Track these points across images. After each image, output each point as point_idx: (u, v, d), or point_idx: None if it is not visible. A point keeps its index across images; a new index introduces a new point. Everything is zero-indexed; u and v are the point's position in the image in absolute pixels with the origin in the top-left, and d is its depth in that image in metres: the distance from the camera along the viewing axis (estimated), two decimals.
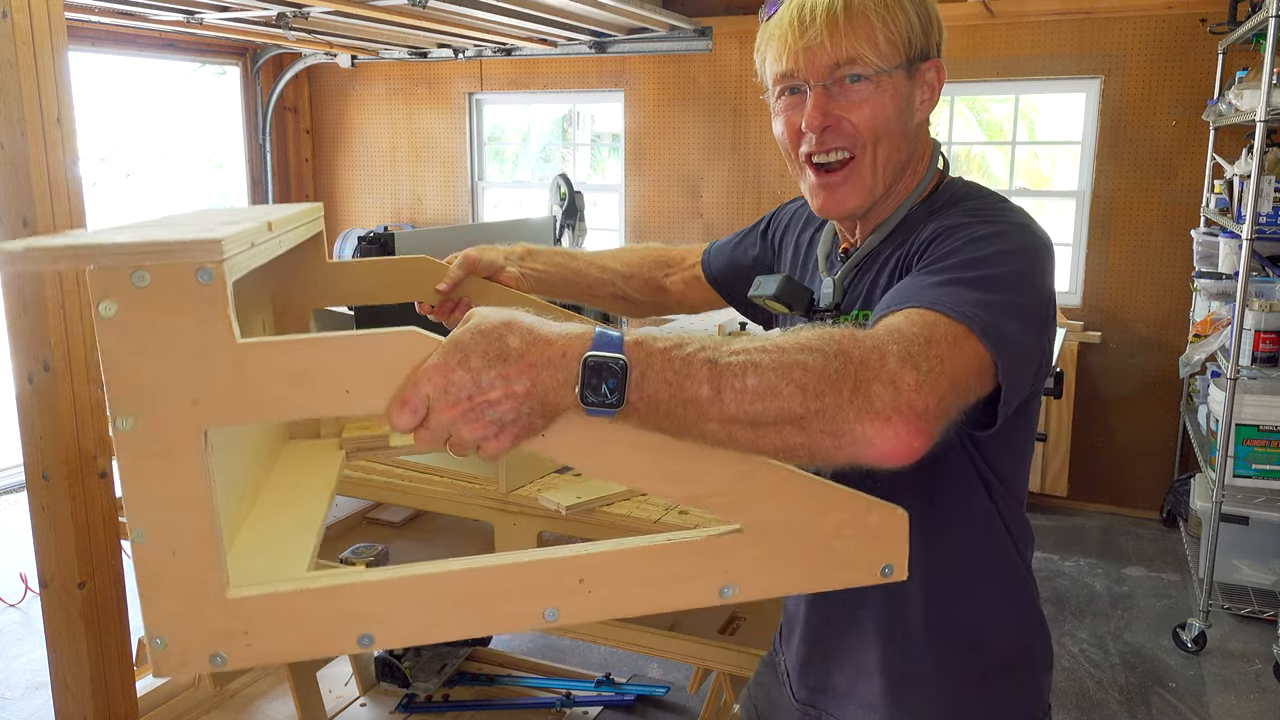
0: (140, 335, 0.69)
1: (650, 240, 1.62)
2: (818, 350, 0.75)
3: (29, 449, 2.02)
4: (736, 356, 0.74)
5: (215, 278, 0.69)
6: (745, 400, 0.73)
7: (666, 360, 0.73)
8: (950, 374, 0.80)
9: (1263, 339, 3.39)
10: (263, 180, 6.07)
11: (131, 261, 0.68)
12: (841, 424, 0.74)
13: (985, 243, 0.97)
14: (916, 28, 1.07)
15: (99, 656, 2.11)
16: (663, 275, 1.46)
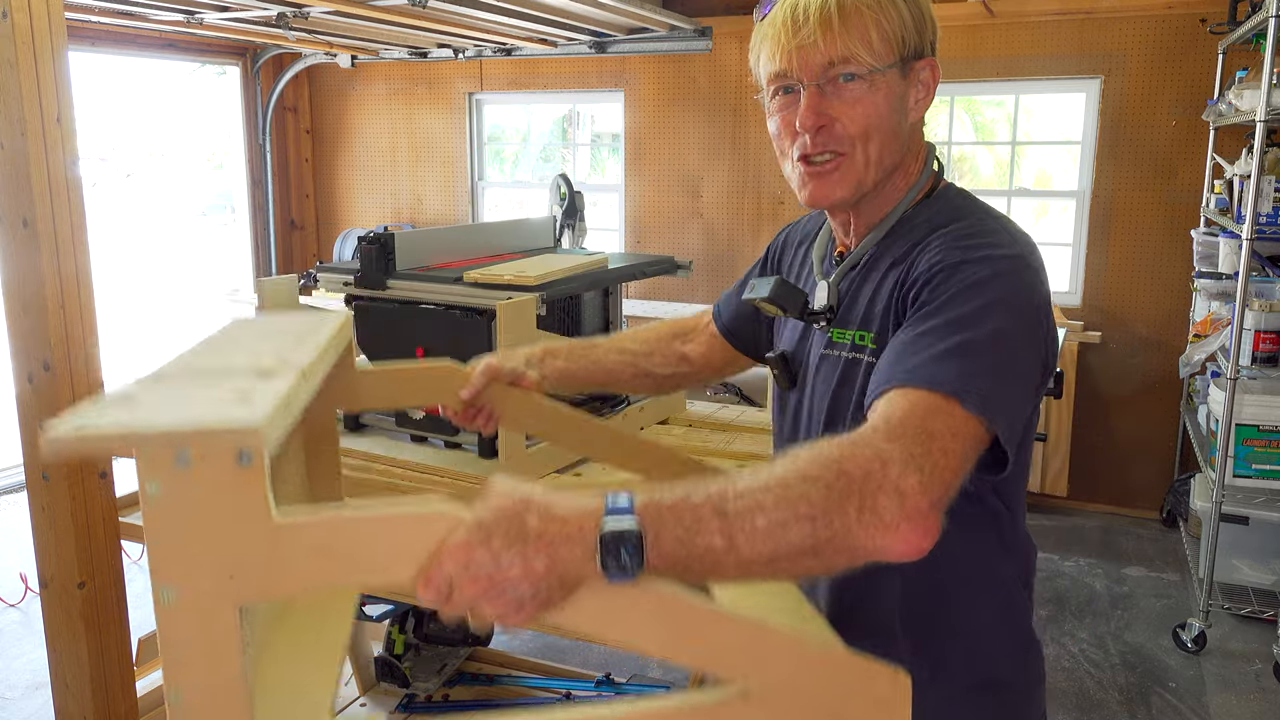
0: (182, 512, 0.73)
1: (650, 241, 1.62)
2: (819, 479, 0.79)
3: (29, 449, 2.02)
4: (742, 500, 0.77)
5: (254, 459, 0.73)
6: (757, 543, 0.77)
7: (677, 518, 0.76)
8: (953, 464, 0.84)
9: (1263, 339, 3.39)
10: (263, 180, 6.07)
11: (177, 444, 0.72)
12: (853, 543, 0.78)
13: (981, 291, 0.96)
14: (910, 26, 1.08)
15: (99, 656, 2.11)
16: (682, 345, 1.45)
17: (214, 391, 0.81)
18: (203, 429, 0.72)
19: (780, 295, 1.18)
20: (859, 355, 1.10)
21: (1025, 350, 0.98)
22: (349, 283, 2.32)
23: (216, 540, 0.74)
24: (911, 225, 1.12)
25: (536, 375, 1.34)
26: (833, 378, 1.13)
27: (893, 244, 1.12)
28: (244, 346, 1.04)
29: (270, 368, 0.90)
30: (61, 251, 1.95)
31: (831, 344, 1.15)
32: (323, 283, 2.39)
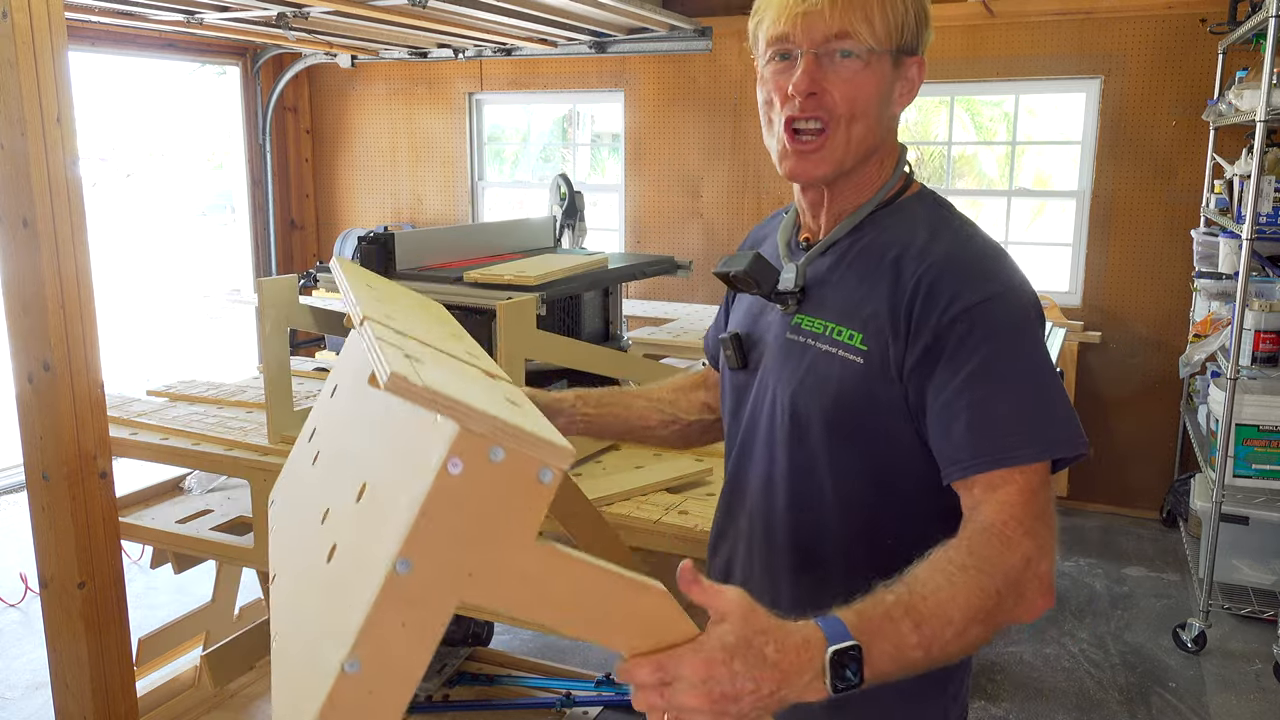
0: (468, 500, 0.74)
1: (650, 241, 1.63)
2: (989, 590, 0.92)
3: (29, 449, 2.02)
4: (933, 614, 0.89)
5: (552, 481, 0.75)
6: (946, 648, 0.89)
7: (883, 634, 0.87)
8: (1054, 514, 0.99)
9: (1263, 339, 3.39)
10: (263, 180, 6.07)
11: (500, 438, 0.73)
12: (1005, 627, 0.95)
13: (1013, 331, 1.03)
14: (911, 19, 1.09)
15: (99, 656, 2.11)
16: (705, 394, 1.46)
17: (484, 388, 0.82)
18: (529, 435, 0.73)
19: (757, 270, 1.18)
20: (838, 351, 1.10)
21: (1051, 362, 1.06)
22: None
23: (481, 538, 0.74)
24: (885, 224, 1.13)
25: (562, 423, 1.34)
26: (807, 367, 1.13)
27: (867, 240, 1.13)
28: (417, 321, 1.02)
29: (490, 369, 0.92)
30: (61, 251, 1.95)
31: (798, 330, 1.15)
32: (323, 283, 2.39)
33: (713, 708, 0.80)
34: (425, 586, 0.74)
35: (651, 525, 1.93)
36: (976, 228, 1.13)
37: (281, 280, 2.31)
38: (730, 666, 0.80)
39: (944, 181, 5.39)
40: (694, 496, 2.03)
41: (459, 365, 0.88)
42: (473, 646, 2.91)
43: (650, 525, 1.93)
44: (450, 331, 1.11)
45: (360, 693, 0.74)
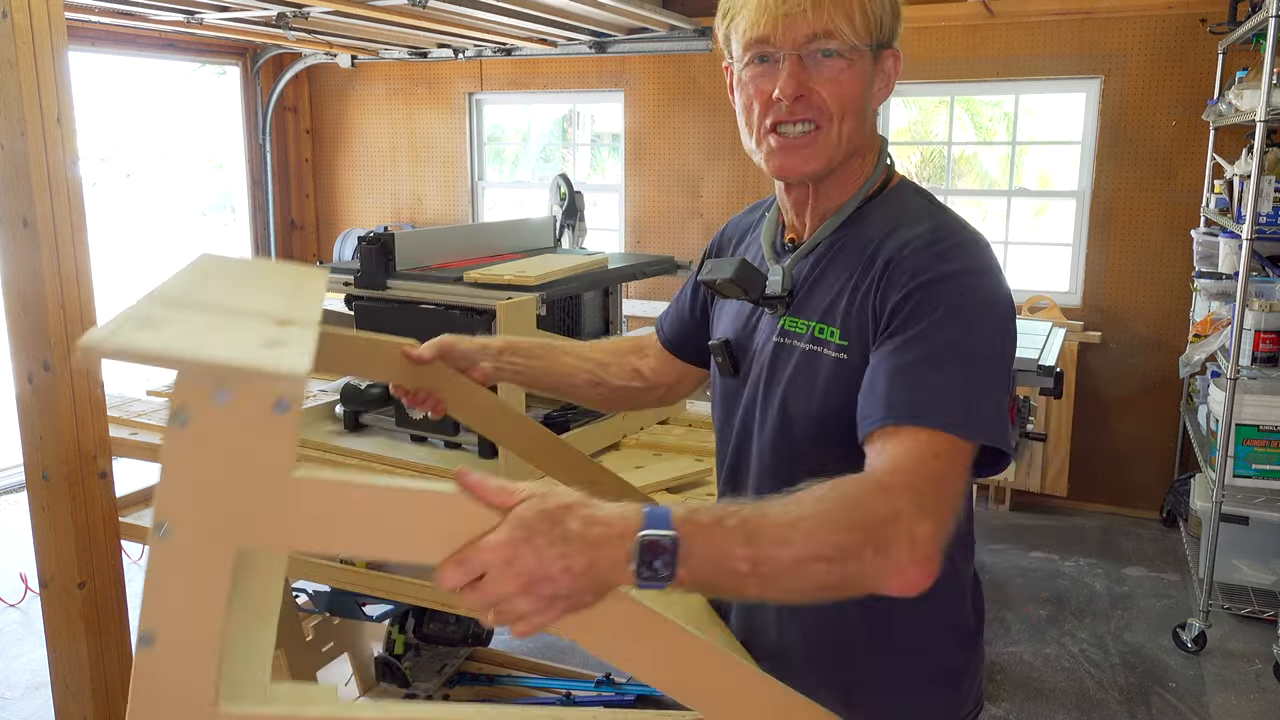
0: (206, 449, 0.71)
1: (650, 241, 1.63)
2: (841, 524, 0.85)
3: (29, 449, 2.02)
4: (771, 533, 0.83)
5: (290, 410, 0.71)
6: (779, 574, 0.83)
7: (710, 538, 0.80)
8: (956, 500, 0.92)
9: (1263, 339, 3.39)
10: (263, 180, 6.07)
11: (221, 379, 0.70)
12: (864, 582, 0.86)
13: (963, 309, 1.00)
14: (887, 12, 1.08)
15: (99, 656, 2.11)
16: (637, 360, 1.44)
17: (242, 333, 0.78)
18: (249, 368, 0.69)
19: (744, 276, 1.16)
20: (821, 349, 1.10)
21: (1003, 355, 1.03)
22: (349, 283, 2.32)
23: (232, 483, 0.72)
24: (868, 219, 1.12)
25: (490, 366, 1.34)
26: (795, 369, 1.12)
27: (849, 237, 1.12)
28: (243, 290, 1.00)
29: (286, 317, 0.87)
30: (61, 251, 1.95)
31: (785, 332, 1.14)
32: None
33: (526, 589, 0.76)
34: (193, 543, 0.72)
35: None
36: (955, 216, 1.11)
37: None
38: (532, 543, 0.75)
39: (944, 181, 5.39)
40: (694, 496, 2.03)
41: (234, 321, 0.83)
42: (473, 646, 2.91)
43: None
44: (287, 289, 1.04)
45: (164, 665, 0.73)
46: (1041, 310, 4.60)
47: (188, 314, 0.81)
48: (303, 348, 0.77)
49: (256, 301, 0.93)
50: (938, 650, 1.17)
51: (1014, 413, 2.50)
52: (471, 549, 0.75)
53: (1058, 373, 2.41)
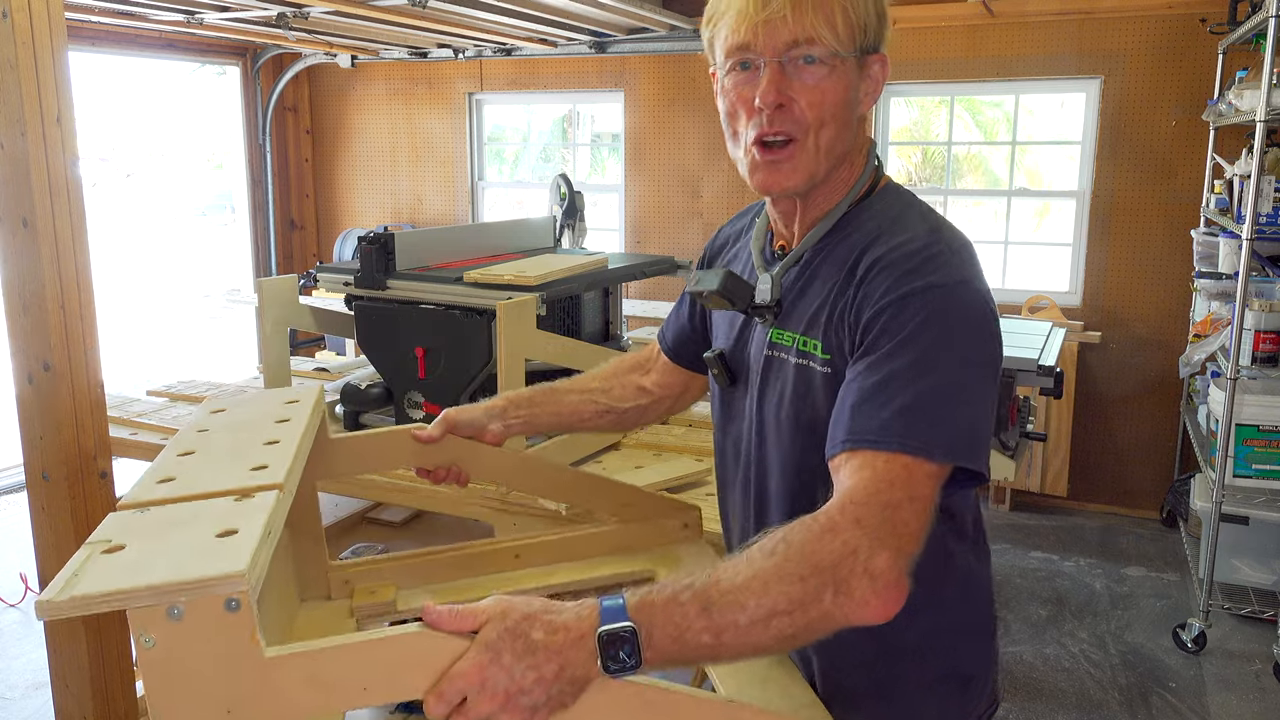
0: (178, 660, 0.79)
1: (650, 241, 1.63)
2: (794, 575, 0.86)
3: (29, 449, 2.02)
4: (726, 599, 0.85)
5: (242, 604, 0.79)
6: (742, 637, 0.85)
7: (667, 617, 0.84)
8: (918, 525, 0.91)
9: (1263, 339, 3.38)
10: (263, 180, 6.07)
11: (167, 599, 0.78)
12: (828, 624, 0.87)
13: (933, 326, 0.97)
14: (873, 17, 1.07)
15: (99, 656, 2.11)
16: (639, 377, 1.45)
17: (201, 529, 0.88)
18: (190, 582, 0.77)
19: (730, 288, 1.15)
20: (809, 364, 1.09)
21: (980, 368, 1.00)
22: (349, 283, 2.32)
23: (212, 681, 0.79)
24: (853, 226, 1.11)
25: (500, 427, 1.36)
26: (786, 382, 1.12)
27: (834, 244, 1.11)
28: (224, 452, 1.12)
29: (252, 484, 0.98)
30: (61, 251, 1.95)
31: (773, 344, 1.14)
32: (323, 283, 2.39)
33: (505, 705, 0.80)
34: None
35: None
36: (939, 221, 1.09)
37: (281, 280, 2.31)
38: (500, 662, 0.80)
39: (944, 181, 5.39)
40: (694, 496, 2.03)
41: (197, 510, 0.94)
42: None
43: None
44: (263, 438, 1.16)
45: None
46: (1041, 310, 4.60)
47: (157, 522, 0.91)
48: (253, 529, 0.86)
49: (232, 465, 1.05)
50: (946, 653, 1.16)
51: (1014, 413, 2.50)
52: (446, 680, 0.80)
53: (1058, 373, 2.41)
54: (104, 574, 0.81)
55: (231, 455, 1.10)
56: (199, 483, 1.02)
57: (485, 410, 1.36)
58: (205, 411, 1.32)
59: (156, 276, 12.13)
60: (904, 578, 0.89)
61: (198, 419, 1.28)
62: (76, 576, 0.80)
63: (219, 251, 12.25)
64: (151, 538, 0.88)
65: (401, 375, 2.28)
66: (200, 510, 0.94)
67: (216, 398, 1.40)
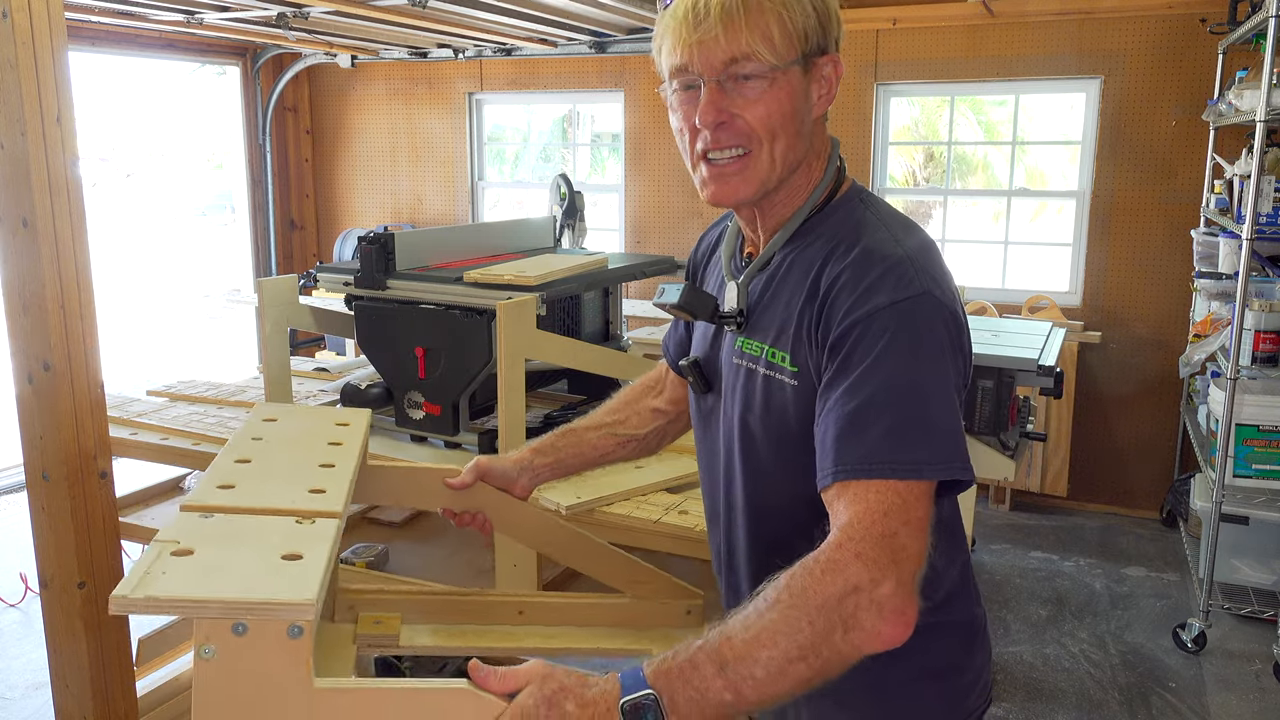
0: (232, 674, 0.82)
1: (650, 241, 1.63)
2: (801, 621, 0.89)
3: (29, 449, 2.02)
4: (739, 655, 0.88)
5: (304, 633, 0.82)
6: (761, 689, 0.88)
7: (686, 680, 0.88)
8: (918, 545, 0.93)
9: (1263, 339, 3.38)
10: (263, 180, 6.07)
11: (236, 615, 0.81)
12: (844, 659, 0.90)
13: (900, 342, 0.97)
14: (814, 22, 1.05)
15: (99, 656, 2.11)
16: (652, 400, 1.46)
17: (266, 547, 0.93)
18: (261, 603, 0.81)
19: (688, 301, 1.18)
20: (777, 375, 1.09)
21: (949, 379, 1.00)
22: (349, 283, 2.32)
23: (259, 700, 0.82)
24: (815, 233, 1.11)
25: (527, 481, 1.39)
26: (753, 391, 1.12)
27: (798, 252, 1.11)
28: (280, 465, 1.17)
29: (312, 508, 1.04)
30: (61, 251, 1.95)
31: (742, 354, 1.14)
32: (323, 283, 2.39)
33: None
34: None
35: (651, 525, 1.93)
36: (899, 227, 1.09)
37: (281, 280, 2.31)
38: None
39: (945, 181, 5.39)
40: (694, 497, 2.03)
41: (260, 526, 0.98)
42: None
43: (650, 525, 1.93)
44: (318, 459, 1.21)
45: None
46: (1041, 310, 4.60)
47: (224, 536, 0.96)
48: (318, 558, 0.90)
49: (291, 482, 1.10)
50: (930, 648, 1.16)
51: (1014, 413, 2.50)
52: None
53: (1058, 373, 2.40)
54: (177, 578, 0.84)
55: (289, 471, 1.15)
56: (260, 495, 1.07)
57: (515, 463, 1.39)
58: (257, 418, 1.37)
59: (156, 276, 12.13)
60: (911, 600, 0.91)
61: (250, 425, 1.33)
62: (149, 576, 0.84)
63: (219, 251, 12.24)
64: (218, 546, 0.92)
65: (401, 375, 2.28)
66: (264, 526, 0.98)
67: (263, 406, 1.43)
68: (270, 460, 1.19)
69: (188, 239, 14.22)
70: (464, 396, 2.24)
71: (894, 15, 4.60)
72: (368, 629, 1.37)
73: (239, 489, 1.08)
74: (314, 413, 1.44)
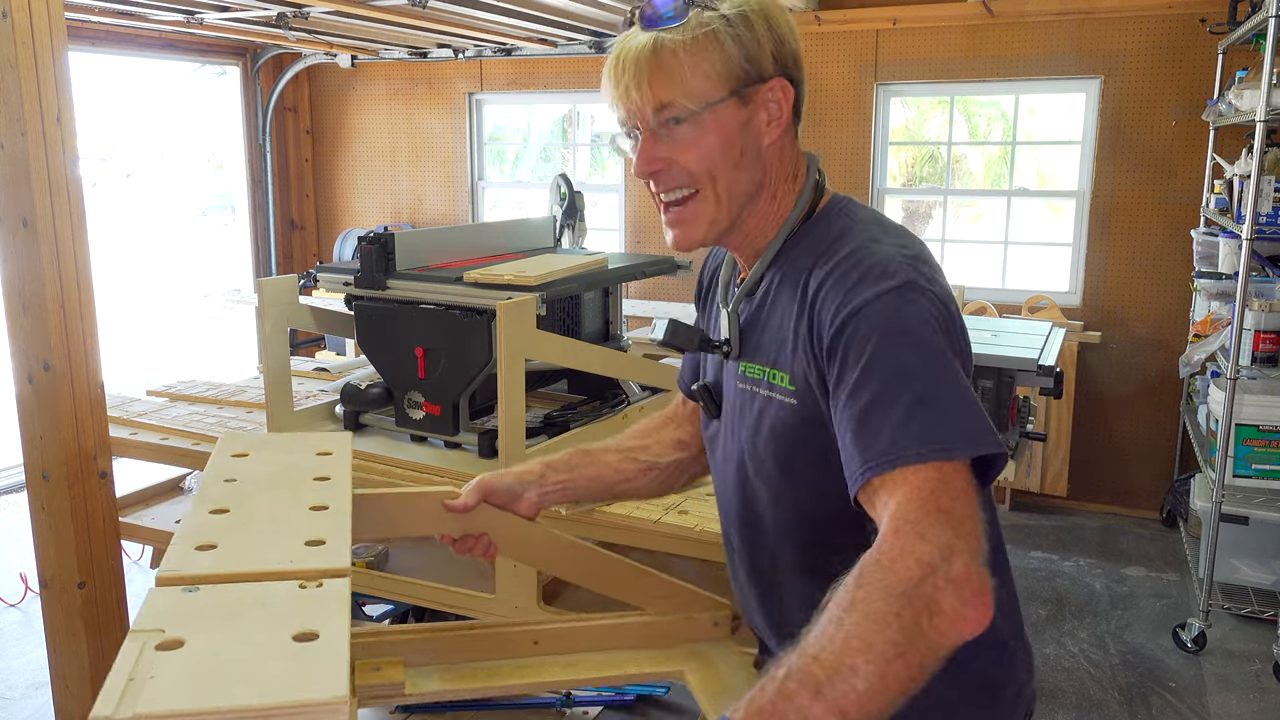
0: None
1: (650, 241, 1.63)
2: (886, 615, 0.83)
3: (29, 449, 2.02)
4: (834, 672, 0.81)
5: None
6: (864, 703, 0.81)
7: (782, 715, 0.80)
8: (974, 519, 0.89)
9: (1262, 339, 3.39)
10: (263, 180, 6.07)
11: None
12: (937, 649, 0.84)
13: (894, 332, 0.96)
14: (736, 59, 1.04)
15: (99, 656, 2.11)
16: (674, 430, 1.42)
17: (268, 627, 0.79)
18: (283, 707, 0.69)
19: (673, 335, 1.19)
20: (778, 396, 1.09)
21: (950, 359, 0.98)
22: (349, 283, 2.32)
23: None
24: (798, 250, 1.11)
25: (535, 496, 1.29)
26: (757, 414, 1.12)
27: (785, 271, 1.11)
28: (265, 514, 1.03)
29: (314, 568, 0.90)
30: (61, 251, 1.95)
31: (744, 377, 1.15)
32: (323, 283, 2.39)
33: None
34: None
35: (652, 525, 1.93)
36: (879, 229, 1.08)
37: (281, 280, 2.31)
38: None
39: (944, 181, 5.39)
40: (694, 497, 2.03)
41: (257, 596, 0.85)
42: None
43: (650, 525, 1.93)
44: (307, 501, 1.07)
45: None
46: (1041, 310, 4.60)
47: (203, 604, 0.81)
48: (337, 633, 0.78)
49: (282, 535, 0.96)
50: (969, 663, 1.15)
51: (1014, 413, 2.50)
52: None
53: (1058, 373, 2.40)
54: (170, 683, 0.71)
55: (276, 520, 1.03)
56: (248, 555, 0.94)
57: (519, 477, 1.30)
58: (225, 455, 1.23)
59: (156, 276, 12.13)
60: (985, 576, 0.86)
61: (217, 466, 1.19)
62: (134, 683, 0.70)
63: (219, 251, 12.25)
64: (213, 631, 0.79)
65: (401, 375, 2.28)
66: (262, 596, 0.85)
67: (230, 438, 1.30)
68: (251, 508, 1.05)
69: (188, 239, 14.22)
70: (464, 396, 2.24)
71: (894, 15, 4.60)
72: (366, 679, 1.19)
73: (222, 549, 0.95)
74: (288, 442, 1.29)
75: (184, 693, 0.70)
